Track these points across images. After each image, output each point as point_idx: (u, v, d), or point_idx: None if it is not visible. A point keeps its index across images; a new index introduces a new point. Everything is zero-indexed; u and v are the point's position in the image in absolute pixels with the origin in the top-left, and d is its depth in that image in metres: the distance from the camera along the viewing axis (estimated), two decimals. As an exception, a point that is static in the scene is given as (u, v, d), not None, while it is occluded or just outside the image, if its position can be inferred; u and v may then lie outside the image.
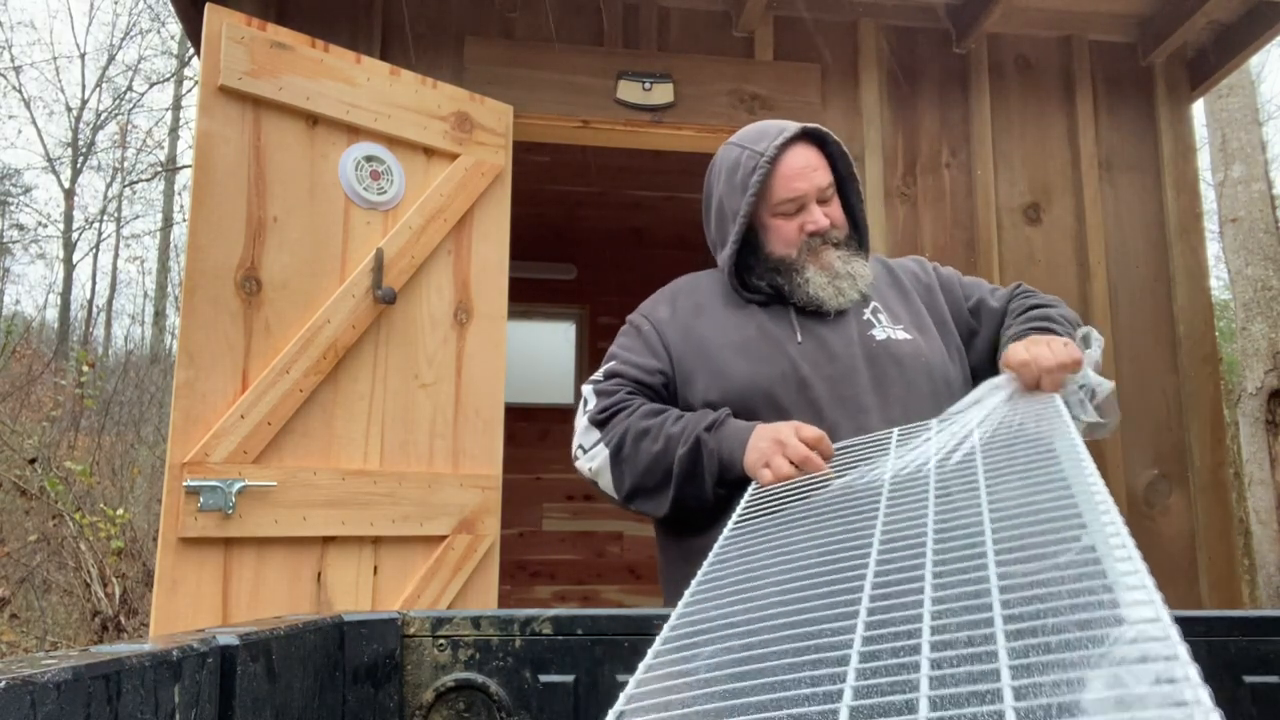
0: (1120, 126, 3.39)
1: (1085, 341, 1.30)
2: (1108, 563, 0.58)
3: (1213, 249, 6.96)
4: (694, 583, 0.80)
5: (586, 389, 1.48)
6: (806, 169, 1.43)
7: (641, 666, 0.63)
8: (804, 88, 3.19)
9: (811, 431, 1.24)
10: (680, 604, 0.75)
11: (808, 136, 1.46)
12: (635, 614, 0.82)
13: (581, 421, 1.44)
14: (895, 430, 1.21)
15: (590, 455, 1.41)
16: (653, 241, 5.56)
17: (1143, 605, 0.49)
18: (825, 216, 1.43)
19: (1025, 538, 0.67)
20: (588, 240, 5.45)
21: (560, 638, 0.79)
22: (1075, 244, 3.28)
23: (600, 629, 0.80)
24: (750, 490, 1.19)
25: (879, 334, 1.44)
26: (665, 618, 0.81)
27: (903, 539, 0.75)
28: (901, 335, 1.44)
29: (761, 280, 1.47)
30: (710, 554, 0.91)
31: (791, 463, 1.20)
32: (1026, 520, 0.71)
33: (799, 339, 1.42)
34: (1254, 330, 5.66)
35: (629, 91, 3.06)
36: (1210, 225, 6.28)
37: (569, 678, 0.79)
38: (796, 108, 3.15)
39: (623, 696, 0.58)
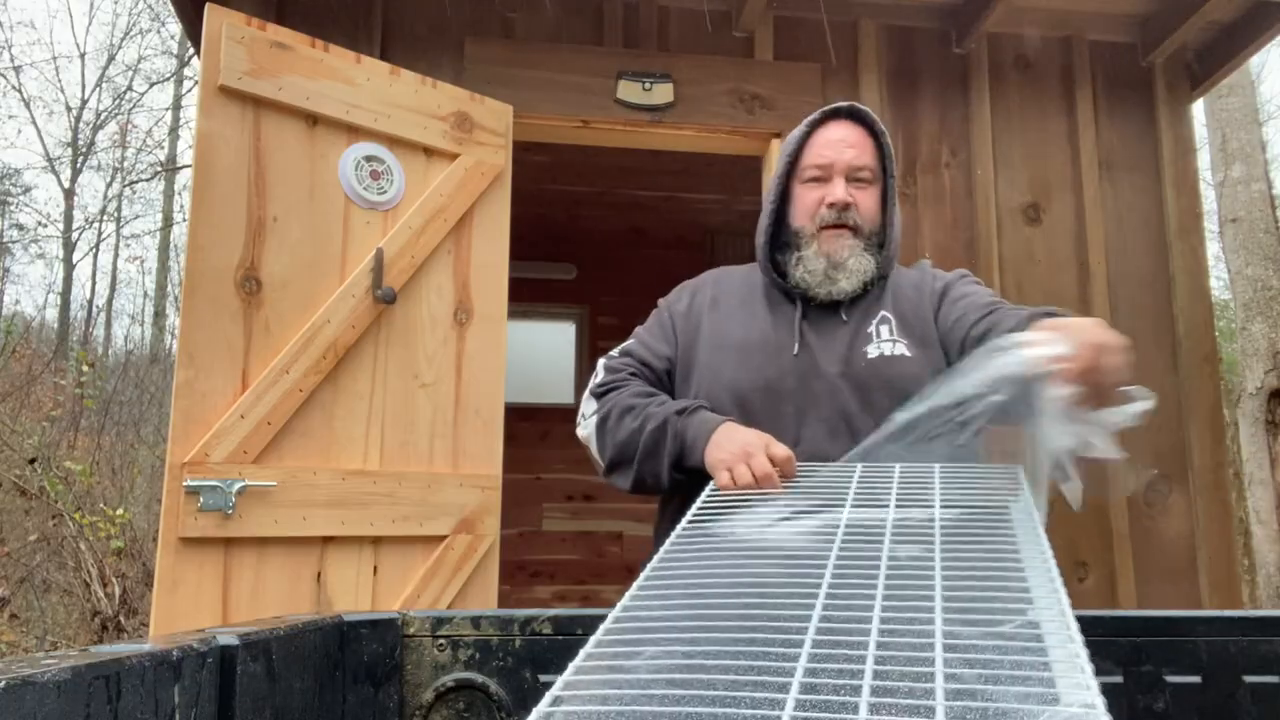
0: (1120, 126, 3.39)
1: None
2: (1050, 639, 0.59)
3: (1213, 249, 6.95)
4: (642, 576, 0.81)
5: (600, 362, 1.53)
6: (841, 142, 1.40)
7: (581, 654, 0.62)
8: (804, 88, 3.19)
9: (782, 451, 1.22)
10: (626, 596, 0.75)
11: (858, 120, 1.44)
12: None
13: (587, 391, 1.50)
14: (859, 466, 1.18)
15: (585, 424, 1.47)
16: (653, 241, 5.56)
17: (1082, 690, 0.51)
18: (849, 195, 1.39)
19: (972, 601, 0.68)
20: (588, 240, 5.45)
21: (560, 638, 0.79)
22: (1075, 244, 3.28)
23: (600, 629, 0.80)
24: (708, 490, 1.19)
25: (872, 351, 1.39)
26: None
27: (853, 580, 0.75)
28: (900, 351, 1.39)
29: (783, 256, 1.45)
30: (661, 550, 0.91)
31: (754, 475, 1.19)
32: (976, 584, 0.71)
33: (795, 351, 1.39)
34: (1254, 330, 5.66)
35: (629, 91, 3.06)
36: (1210, 225, 6.27)
37: (569, 678, 0.79)
38: (796, 108, 3.15)
39: (559, 683, 0.57)
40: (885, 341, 1.40)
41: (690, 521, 1.02)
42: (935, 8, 3.30)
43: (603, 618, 0.81)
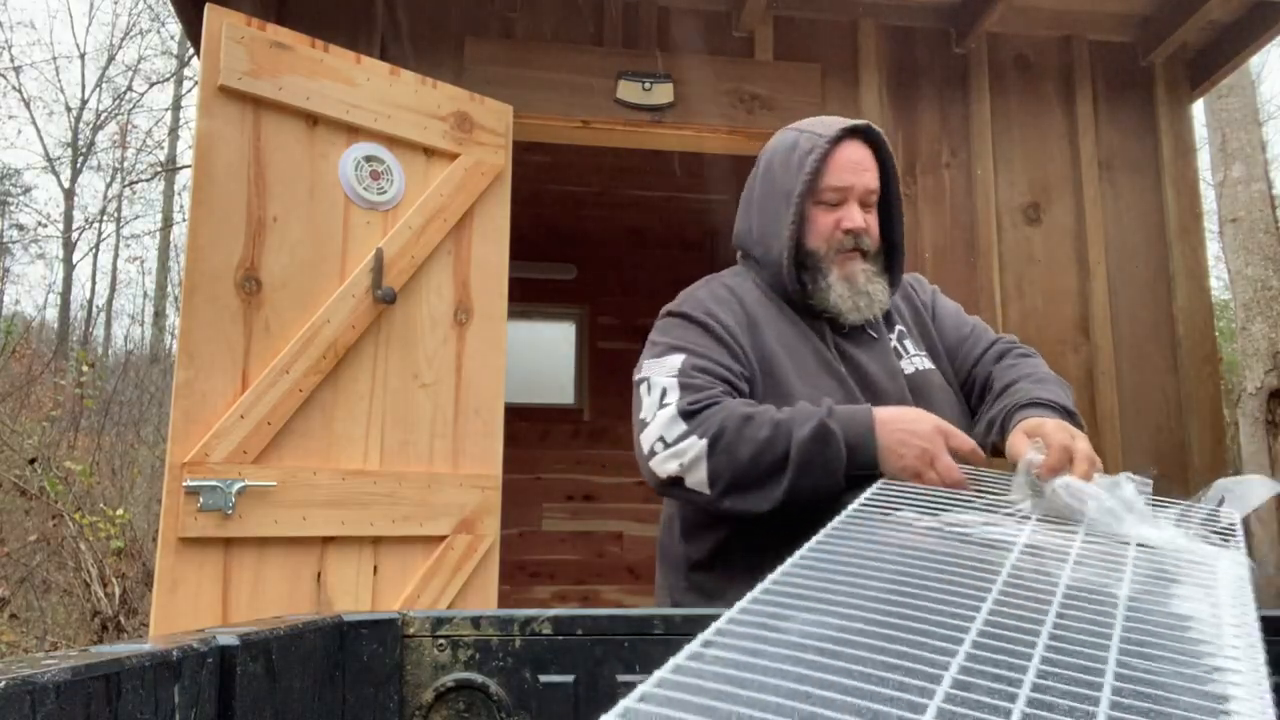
0: (1120, 126, 3.39)
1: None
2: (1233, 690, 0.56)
3: (1213, 249, 6.95)
4: (806, 548, 0.78)
5: (661, 379, 1.30)
6: (860, 165, 1.39)
7: (736, 608, 0.62)
8: (804, 88, 3.19)
9: (965, 442, 1.15)
10: (788, 563, 0.73)
11: (868, 140, 1.42)
12: (635, 614, 0.82)
13: (665, 413, 1.26)
14: (1025, 474, 1.10)
15: (678, 449, 1.23)
16: (653, 241, 5.56)
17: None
18: (864, 221, 1.39)
19: (1154, 638, 0.63)
20: (588, 240, 5.45)
21: (560, 638, 0.79)
22: (1075, 244, 3.28)
23: (600, 629, 0.80)
24: (880, 483, 1.11)
25: (907, 366, 1.40)
26: (666, 618, 0.81)
27: (1027, 594, 0.70)
28: (927, 365, 1.41)
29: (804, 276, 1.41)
30: (828, 527, 0.87)
31: (943, 482, 1.12)
32: (1162, 625, 0.66)
33: (844, 371, 1.36)
34: (1254, 330, 5.66)
35: (629, 91, 3.06)
36: (1210, 225, 6.27)
37: (569, 678, 0.79)
38: (796, 108, 3.15)
39: (711, 629, 0.57)
40: (915, 356, 1.41)
41: (863, 505, 0.98)
42: (935, 8, 3.30)
43: (603, 618, 0.81)
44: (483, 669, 0.79)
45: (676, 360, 1.31)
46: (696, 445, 1.22)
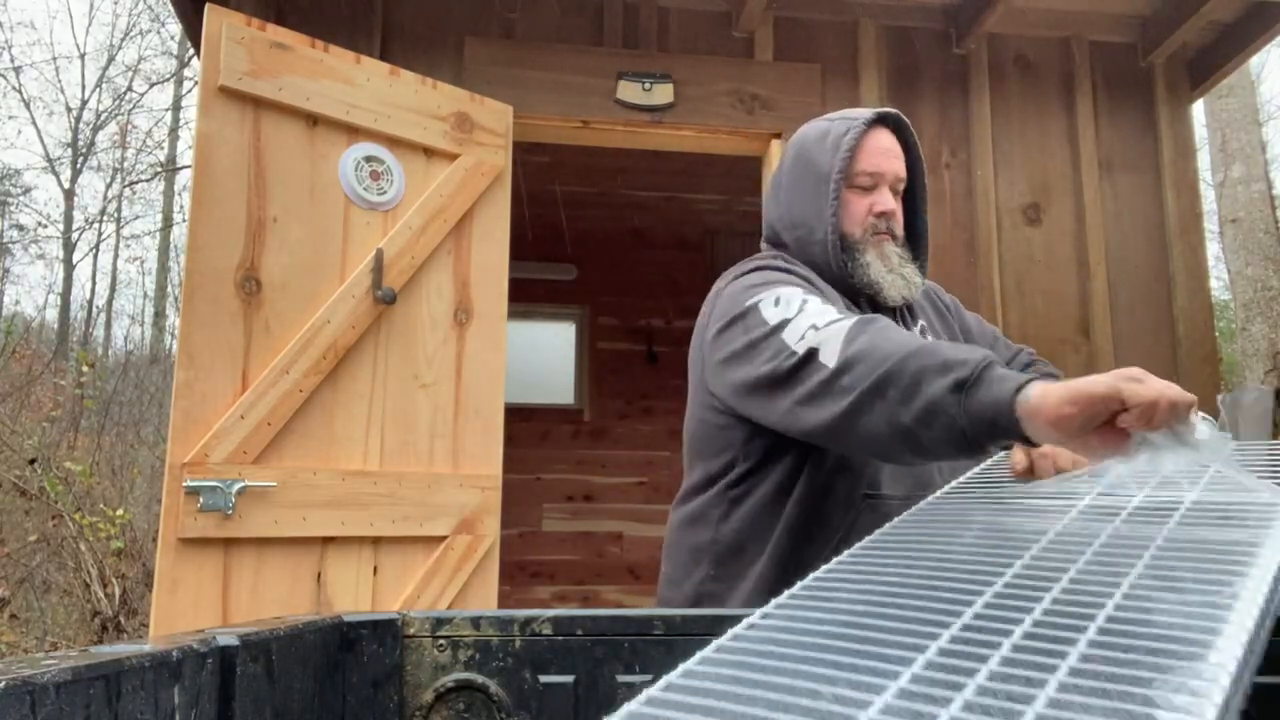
0: (1120, 127, 3.39)
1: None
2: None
3: (1212, 249, 6.96)
4: (889, 527, 0.80)
5: (791, 294, 1.21)
6: (890, 152, 1.42)
7: (833, 562, 0.64)
8: (804, 88, 3.19)
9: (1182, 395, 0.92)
10: (876, 537, 0.75)
11: (899, 125, 1.45)
12: (636, 614, 0.82)
13: (817, 309, 1.17)
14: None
15: (830, 331, 1.11)
16: (653, 242, 5.56)
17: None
18: (894, 205, 1.42)
19: (1173, 571, 0.61)
20: (588, 240, 5.46)
21: (560, 638, 0.79)
22: (1075, 244, 3.28)
23: (600, 629, 0.80)
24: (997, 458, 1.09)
25: None
26: (666, 619, 0.81)
27: (1063, 551, 0.68)
28: None
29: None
30: (916, 509, 0.87)
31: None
32: (1184, 559, 0.64)
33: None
34: (1254, 330, 5.67)
35: (629, 92, 3.06)
36: (1210, 225, 6.28)
37: (569, 678, 0.79)
38: (796, 108, 3.15)
39: (770, 606, 0.59)
40: None
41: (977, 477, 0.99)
42: (935, 8, 3.30)
43: (603, 618, 0.81)
44: (483, 669, 0.79)
45: (797, 291, 1.23)
46: (843, 324, 1.11)
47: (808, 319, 1.16)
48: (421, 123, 2.60)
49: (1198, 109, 4.39)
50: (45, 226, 13.48)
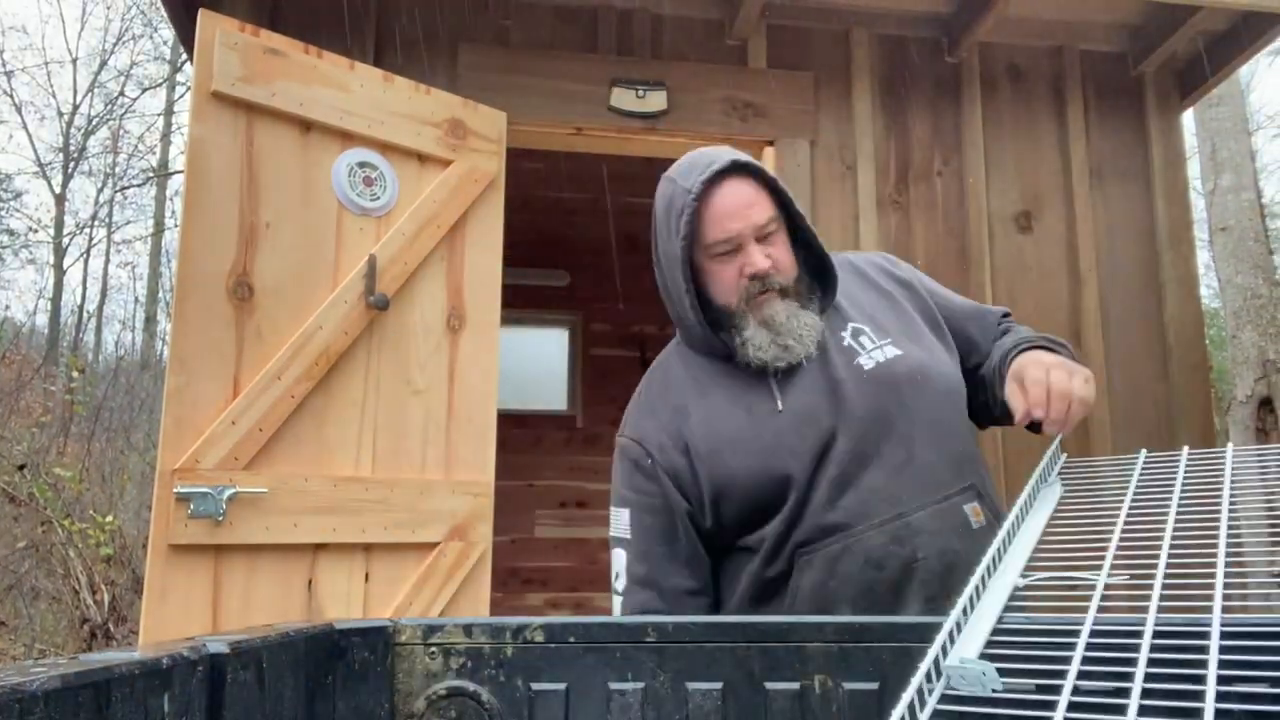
0: (1111, 135, 3.41)
1: None
2: None
3: (1203, 257, 7.00)
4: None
5: (616, 562, 1.35)
6: (739, 206, 1.29)
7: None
8: (797, 96, 3.20)
9: None
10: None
11: (741, 169, 1.33)
12: (628, 622, 0.82)
13: (615, 600, 1.35)
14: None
15: (616, 601, 1.36)
16: (646, 248, 5.55)
17: None
18: (766, 258, 1.29)
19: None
20: (581, 247, 5.46)
21: (553, 645, 0.79)
22: (1066, 252, 3.29)
23: (593, 637, 0.80)
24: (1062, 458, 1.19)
25: (866, 361, 1.31)
26: (659, 626, 0.81)
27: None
28: (892, 352, 1.32)
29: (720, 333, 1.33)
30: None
31: None
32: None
33: (780, 407, 1.29)
34: (1244, 338, 5.70)
35: (622, 99, 3.07)
36: (1200, 234, 6.32)
37: (561, 685, 0.78)
38: (789, 116, 3.16)
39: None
40: (875, 349, 1.33)
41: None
42: (927, 17, 3.32)
43: (596, 625, 0.81)
44: (474, 677, 0.78)
45: (621, 550, 1.34)
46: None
47: (617, 563, 1.33)
48: (415, 129, 2.60)
49: (1188, 118, 4.42)
50: (36, 231, 13.43)
